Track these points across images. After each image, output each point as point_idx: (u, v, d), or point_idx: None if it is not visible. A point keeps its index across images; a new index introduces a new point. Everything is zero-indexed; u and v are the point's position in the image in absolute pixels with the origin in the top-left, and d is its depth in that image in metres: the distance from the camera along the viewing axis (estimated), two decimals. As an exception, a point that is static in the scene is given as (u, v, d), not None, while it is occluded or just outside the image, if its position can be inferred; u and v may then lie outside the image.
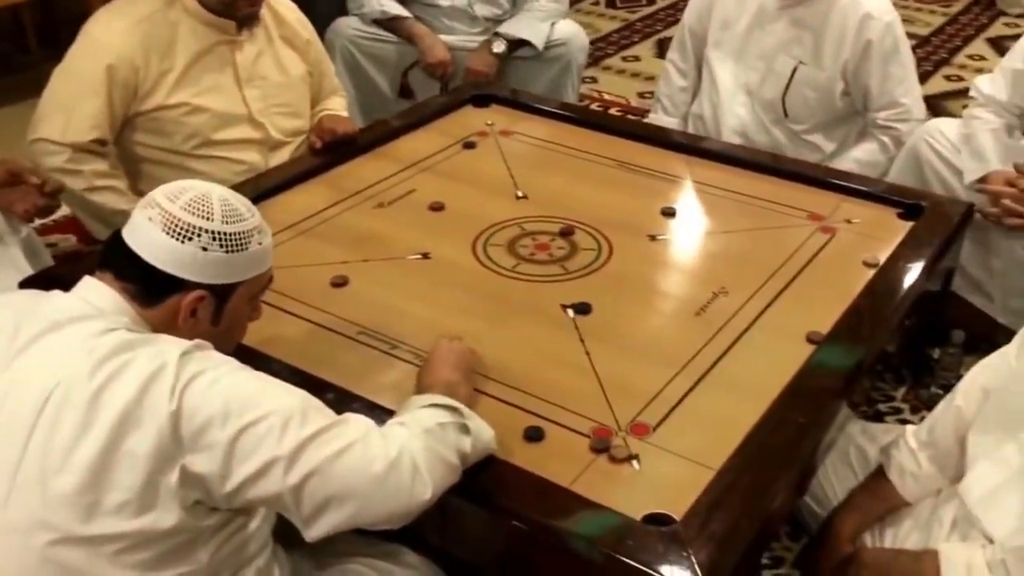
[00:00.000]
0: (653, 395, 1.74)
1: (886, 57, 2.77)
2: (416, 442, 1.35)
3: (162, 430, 1.24)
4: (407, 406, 1.50)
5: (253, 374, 1.34)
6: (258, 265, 1.46)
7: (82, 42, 2.42)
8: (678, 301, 2.06)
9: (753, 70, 2.89)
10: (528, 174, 2.53)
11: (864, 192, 2.45)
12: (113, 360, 1.27)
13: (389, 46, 3.51)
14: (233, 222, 1.40)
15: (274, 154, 2.60)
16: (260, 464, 1.26)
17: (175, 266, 1.38)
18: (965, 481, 1.65)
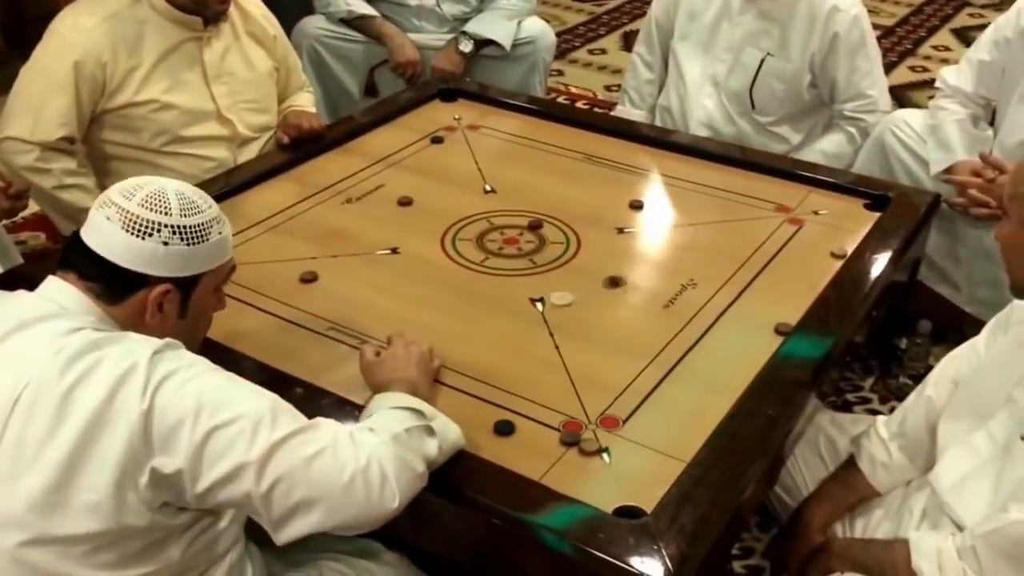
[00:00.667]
0: (622, 388, 1.75)
1: (853, 50, 2.78)
2: (385, 450, 1.34)
3: (133, 430, 1.23)
4: (373, 407, 1.50)
5: (225, 375, 1.33)
6: (220, 255, 1.47)
7: (49, 40, 2.40)
8: (646, 294, 2.07)
9: (720, 62, 2.90)
10: (496, 168, 2.53)
11: (831, 183, 2.47)
12: (82, 360, 1.26)
13: (355, 45, 3.50)
14: (191, 214, 1.40)
15: (242, 150, 2.58)
16: (230, 468, 1.26)
17: (138, 263, 1.38)
18: (935, 470, 1.66)
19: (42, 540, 1.25)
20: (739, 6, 2.85)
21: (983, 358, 1.72)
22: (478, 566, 1.60)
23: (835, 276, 2.08)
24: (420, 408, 1.48)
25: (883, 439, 1.79)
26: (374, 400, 1.54)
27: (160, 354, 1.29)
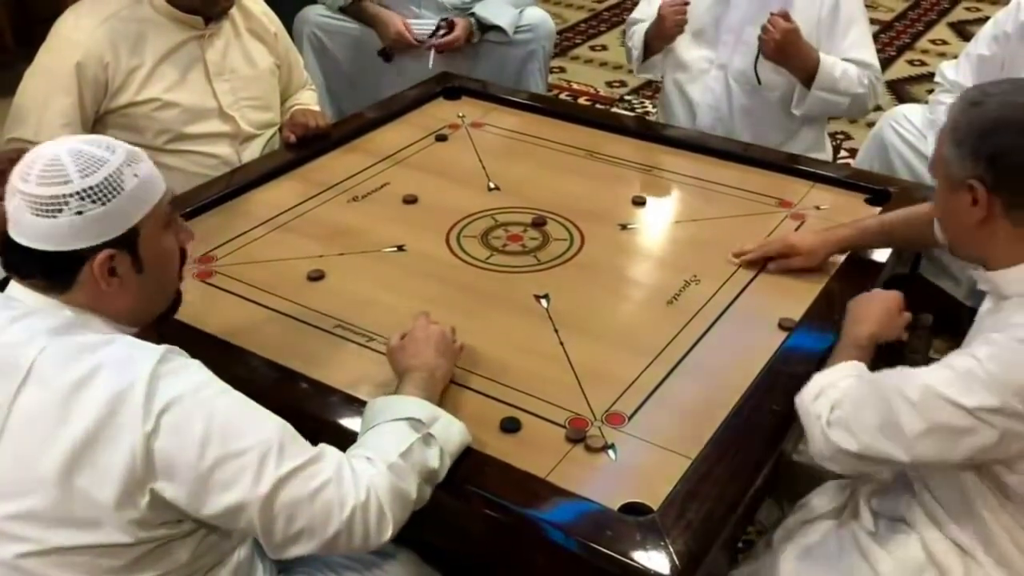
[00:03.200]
0: (627, 384, 1.76)
1: (853, 18, 2.79)
2: (382, 480, 1.36)
3: (135, 451, 1.23)
4: (374, 415, 1.51)
5: (231, 398, 1.32)
6: (147, 197, 1.37)
7: (51, 41, 2.41)
8: (650, 290, 2.09)
9: (722, 44, 2.89)
10: (500, 165, 2.55)
11: (832, 178, 2.48)
12: (76, 366, 1.26)
13: (356, 30, 3.51)
14: (94, 171, 1.31)
15: (245, 147, 2.60)
16: (234, 502, 1.27)
17: (63, 243, 1.31)
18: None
19: (42, 551, 1.26)
20: None
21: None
22: (486, 562, 1.62)
23: (838, 271, 2.09)
24: (419, 416, 1.48)
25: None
26: (375, 406, 1.53)
27: (162, 366, 1.27)
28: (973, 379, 1.40)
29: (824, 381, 1.59)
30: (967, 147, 1.46)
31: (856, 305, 1.79)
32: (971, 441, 1.41)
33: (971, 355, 1.43)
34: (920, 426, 1.42)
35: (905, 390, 1.45)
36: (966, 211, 1.49)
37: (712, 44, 2.90)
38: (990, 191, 1.45)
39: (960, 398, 1.40)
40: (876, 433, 1.46)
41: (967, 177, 1.47)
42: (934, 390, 1.42)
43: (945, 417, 1.41)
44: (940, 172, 1.55)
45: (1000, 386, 1.38)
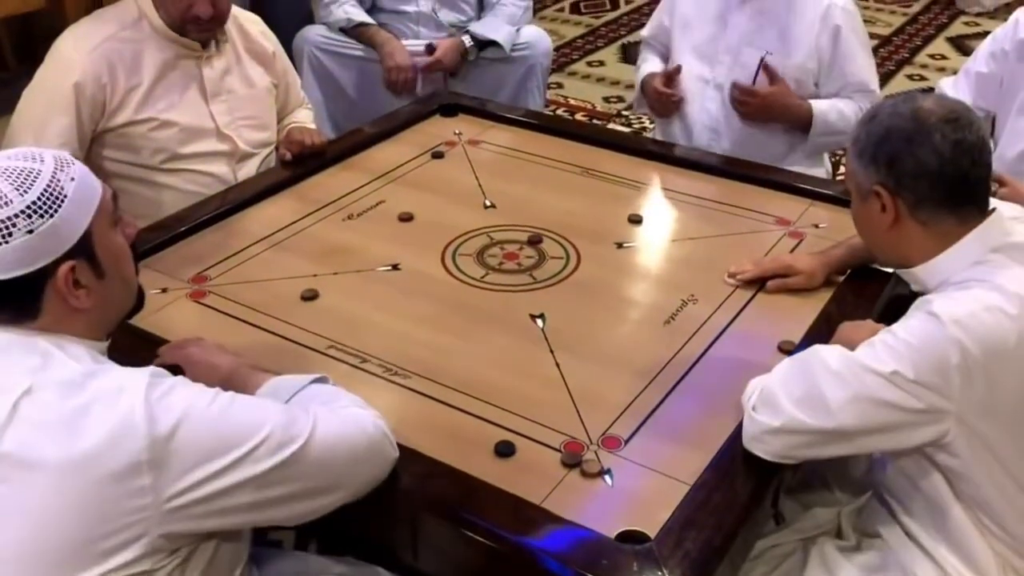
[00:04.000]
0: (624, 407, 1.74)
1: (855, 44, 2.78)
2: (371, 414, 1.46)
3: (141, 504, 1.23)
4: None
5: (225, 399, 1.32)
6: (89, 197, 1.34)
7: (49, 61, 2.40)
8: (647, 309, 2.06)
9: (720, 64, 2.88)
10: (496, 183, 2.53)
11: (830, 196, 2.47)
12: (65, 404, 1.24)
13: (356, 52, 3.50)
14: (30, 185, 1.28)
15: (242, 166, 2.58)
16: (235, 523, 1.32)
17: (18, 266, 1.28)
18: None
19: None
20: (734, 7, 2.84)
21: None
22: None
23: (836, 293, 2.07)
24: (317, 376, 1.55)
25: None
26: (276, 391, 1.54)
27: (153, 390, 1.26)
28: (888, 349, 1.48)
29: (762, 377, 1.64)
30: (867, 157, 1.59)
31: (843, 328, 1.81)
32: (894, 412, 1.47)
33: (889, 329, 1.53)
34: (842, 394, 1.49)
35: (828, 361, 1.52)
36: (877, 217, 1.60)
37: (710, 63, 2.89)
38: (893, 195, 1.56)
39: (877, 365, 1.47)
40: (799, 404, 1.52)
41: (872, 185, 1.58)
42: (856, 360, 1.50)
43: (866, 385, 1.48)
44: (852, 186, 1.67)
45: (915, 355, 1.45)
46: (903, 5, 6.07)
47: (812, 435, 1.52)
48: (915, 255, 1.61)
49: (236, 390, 1.52)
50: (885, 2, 6.12)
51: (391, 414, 1.61)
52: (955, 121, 1.53)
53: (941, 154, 1.52)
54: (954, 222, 1.56)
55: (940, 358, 1.45)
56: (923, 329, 1.48)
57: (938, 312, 1.47)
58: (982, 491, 1.54)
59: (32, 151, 1.34)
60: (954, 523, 1.57)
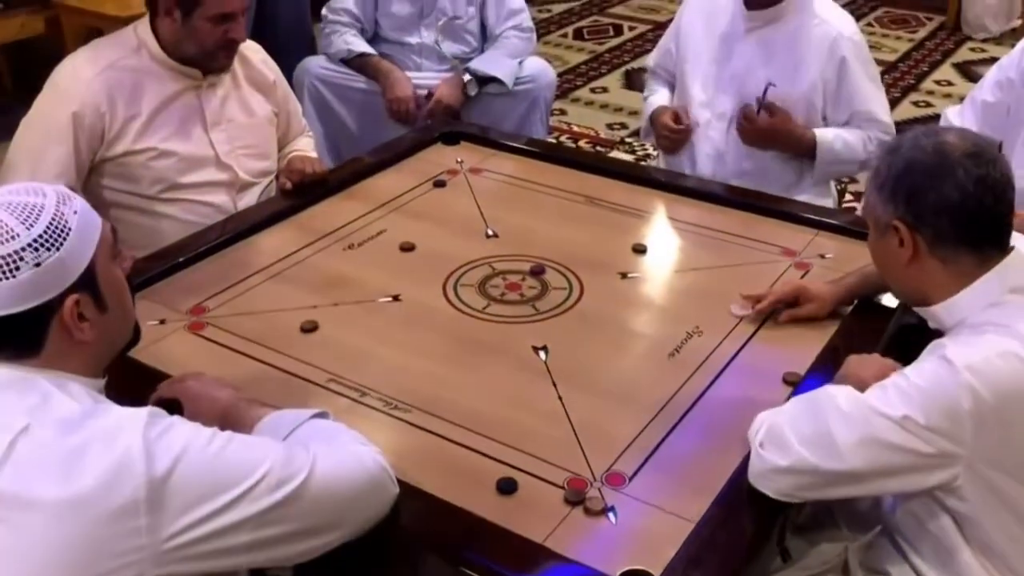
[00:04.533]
0: (628, 442, 1.71)
1: (862, 75, 2.77)
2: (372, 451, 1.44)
3: (139, 547, 1.21)
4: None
5: (223, 440, 1.30)
6: (92, 231, 1.35)
7: (48, 91, 2.39)
8: (651, 342, 2.04)
9: (724, 94, 2.87)
10: (498, 212, 2.51)
11: (836, 226, 2.44)
12: (63, 443, 1.22)
13: (357, 84, 3.50)
14: (36, 219, 1.28)
15: (242, 195, 2.56)
16: (233, 564, 1.29)
17: (24, 300, 1.27)
18: None
19: None
20: (739, 37, 2.83)
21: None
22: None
23: (842, 324, 2.05)
24: (317, 412, 1.52)
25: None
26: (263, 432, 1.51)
27: (151, 429, 1.24)
28: (899, 392, 1.46)
29: (769, 412, 1.61)
30: (887, 190, 1.56)
31: (851, 361, 1.77)
32: (904, 456, 1.44)
33: (901, 372, 1.51)
34: (852, 436, 1.46)
35: (838, 402, 1.50)
36: (896, 253, 1.57)
37: (714, 93, 2.88)
38: (912, 230, 1.53)
39: (888, 409, 1.45)
40: (807, 444, 1.49)
41: (891, 219, 1.55)
42: (866, 403, 1.48)
43: (876, 428, 1.45)
44: (870, 219, 1.63)
45: (927, 400, 1.43)
46: (909, 31, 6.06)
47: (820, 476, 1.49)
48: (933, 292, 1.58)
49: (235, 424, 1.52)
50: (890, 28, 6.12)
51: (391, 449, 1.59)
52: (979, 156, 1.50)
53: (964, 190, 1.48)
54: (973, 260, 1.53)
55: (952, 404, 1.42)
56: (936, 374, 1.45)
57: (951, 357, 1.44)
58: (991, 536, 1.51)
59: (32, 186, 1.34)
60: (963, 566, 1.54)
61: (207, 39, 2.39)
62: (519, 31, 3.53)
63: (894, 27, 6.15)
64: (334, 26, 3.51)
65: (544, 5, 6.41)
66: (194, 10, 2.35)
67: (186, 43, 2.40)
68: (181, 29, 2.38)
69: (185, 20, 2.37)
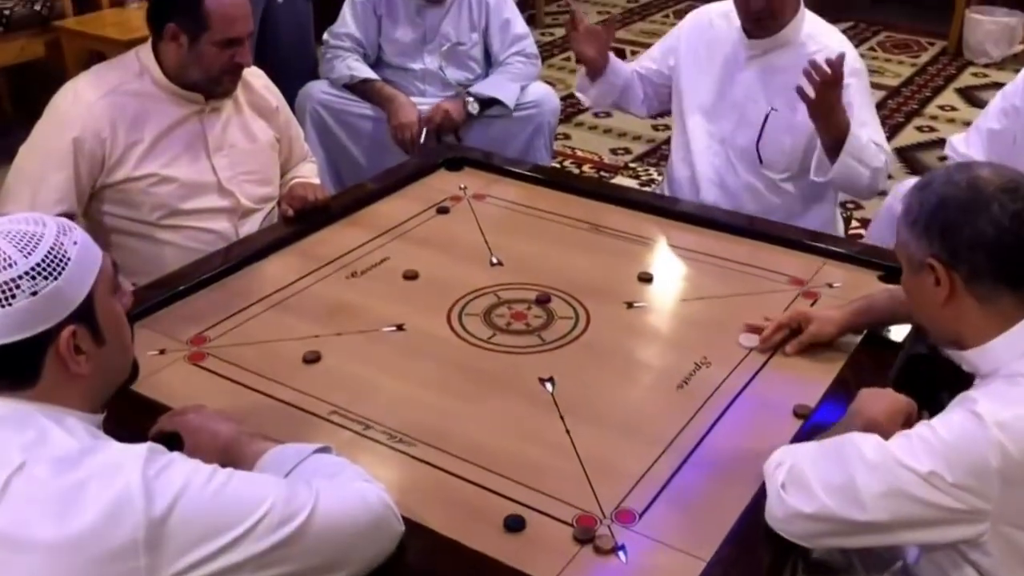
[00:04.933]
0: (637, 478, 1.68)
1: (861, 103, 2.73)
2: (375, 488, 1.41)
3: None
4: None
5: (224, 476, 1.27)
6: (91, 262, 1.33)
7: (48, 115, 2.37)
8: (659, 373, 2.01)
9: (726, 120, 2.85)
10: (503, 239, 2.48)
11: (843, 255, 2.41)
12: (59, 482, 1.19)
13: (359, 109, 3.48)
14: (34, 247, 1.26)
15: (244, 222, 2.54)
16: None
17: (20, 329, 1.25)
18: None
19: None
20: (740, 65, 2.81)
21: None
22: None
23: (852, 355, 2.02)
24: (319, 446, 1.49)
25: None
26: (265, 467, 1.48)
27: (151, 466, 1.22)
28: (926, 446, 1.41)
29: (789, 449, 1.58)
30: (920, 226, 1.51)
31: (864, 396, 1.73)
32: (929, 510, 1.41)
33: (928, 424, 1.45)
34: (877, 488, 1.42)
35: (864, 451, 1.46)
36: (931, 292, 1.52)
37: (716, 120, 2.87)
38: (948, 267, 1.48)
39: (914, 463, 1.41)
40: (831, 492, 1.45)
41: (925, 257, 1.50)
42: (892, 454, 1.44)
43: (902, 481, 1.41)
44: (902, 257, 1.58)
45: (954, 456, 1.39)
46: (911, 55, 6.06)
47: (842, 525, 1.45)
48: (969, 335, 1.53)
49: (236, 459, 1.49)
50: (892, 52, 6.11)
51: (395, 484, 1.57)
52: (1014, 191, 1.46)
53: (999, 224, 1.44)
54: (1012, 301, 1.49)
55: (980, 461, 1.38)
56: (964, 429, 1.41)
57: (981, 412, 1.40)
58: None
59: (33, 216, 1.32)
60: None
61: (213, 64, 2.37)
62: (524, 56, 3.53)
63: (896, 52, 6.14)
64: (336, 51, 3.50)
65: (547, 28, 6.40)
66: (201, 35, 2.34)
67: (191, 68, 2.38)
68: (187, 54, 2.36)
69: (192, 45, 2.35)
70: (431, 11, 3.47)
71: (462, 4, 3.49)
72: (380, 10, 3.49)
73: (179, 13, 2.34)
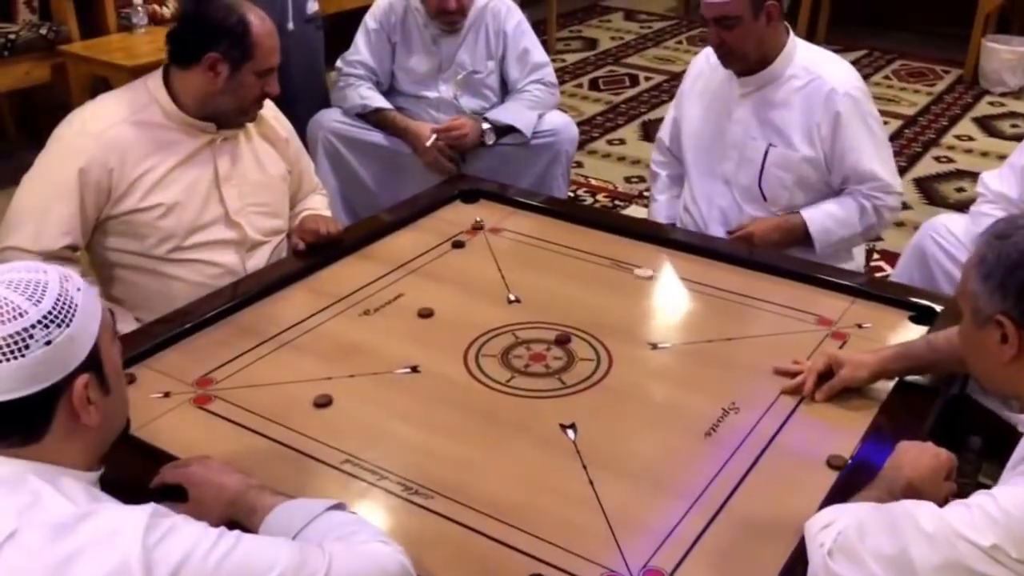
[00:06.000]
0: (666, 533, 1.59)
1: (859, 131, 2.65)
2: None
3: None
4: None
5: (229, 543, 1.20)
6: (95, 308, 1.29)
7: (53, 146, 2.30)
8: (686, 419, 1.91)
9: (728, 160, 2.80)
10: (520, 275, 2.40)
11: (872, 294, 2.33)
12: (53, 552, 1.12)
13: (371, 136, 3.42)
14: (42, 295, 1.21)
15: (252, 254, 2.46)
16: None
17: (34, 382, 1.20)
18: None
19: None
20: (736, 103, 2.76)
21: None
22: None
23: (886, 402, 1.93)
24: (331, 503, 1.43)
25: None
26: (274, 524, 1.41)
27: (151, 534, 1.15)
28: (987, 518, 1.32)
29: (837, 510, 1.48)
30: (995, 281, 1.43)
31: (904, 451, 1.65)
32: None
33: (990, 494, 1.36)
34: (934, 560, 1.33)
35: (920, 521, 1.36)
36: (995, 348, 1.44)
37: (718, 159, 2.82)
38: (1020, 327, 1.41)
39: (976, 536, 1.32)
40: (883, 563, 1.36)
41: (995, 312, 1.42)
42: (950, 525, 1.34)
43: (961, 554, 1.32)
44: (967, 306, 1.49)
45: (1018, 528, 1.30)
46: (927, 84, 5.99)
47: None
48: None
49: (244, 514, 1.42)
50: (908, 81, 6.05)
51: (410, 539, 1.49)
52: None
53: None
54: None
55: None
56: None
57: None
58: None
59: (30, 264, 1.29)
60: None
61: (248, 93, 2.33)
62: (542, 84, 3.46)
63: (912, 80, 6.07)
64: (348, 79, 3.44)
65: (559, 55, 6.35)
66: (243, 65, 2.29)
67: (223, 98, 2.32)
68: (224, 84, 2.30)
69: (232, 74, 2.30)
70: (447, 40, 3.41)
71: (479, 33, 3.43)
72: (395, 38, 3.43)
73: (224, 42, 2.28)
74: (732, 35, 2.61)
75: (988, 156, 4.87)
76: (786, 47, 2.67)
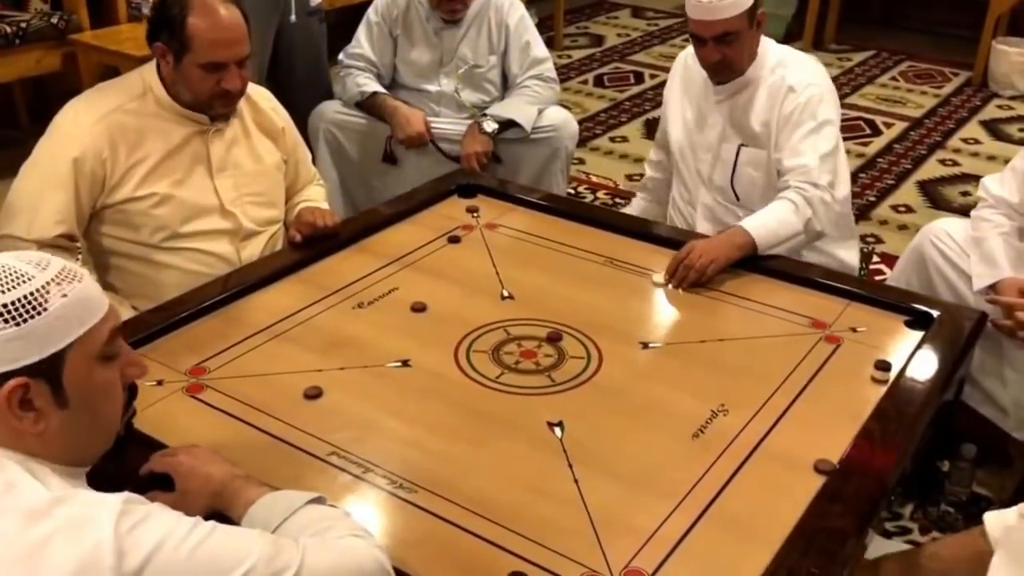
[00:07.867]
0: (649, 534, 1.59)
1: (799, 123, 2.64)
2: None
3: None
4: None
5: (204, 531, 1.20)
6: (75, 320, 1.23)
7: (49, 135, 2.30)
8: (674, 420, 1.91)
9: (704, 162, 2.84)
10: (514, 271, 2.41)
11: (867, 297, 2.33)
12: (25, 536, 1.12)
13: (373, 128, 3.41)
14: (11, 288, 1.19)
15: (245, 244, 2.46)
16: None
17: None
18: None
19: None
20: (711, 108, 2.79)
21: None
22: None
23: (879, 405, 1.93)
24: (313, 496, 1.42)
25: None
26: (256, 517, 1.40)
27: (125, 520, 1.14)
28: None
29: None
30: None
31: None
32: None
33: None
34: None
35: None
36: None
37: (699, 161, 2.85)
38: None
39: None
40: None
41: None
42: None
43: None
44: None
45: None
46: (934, 86, 5.95)
47: None
48: None
49: (228, 504, 1.43)
50: (915, 82, 6.01)
51: (394, 534, 1.50)
52: None
53: None
54: None
55: None
56: None
57: None
58: None
59: (48, 258, 1.25)
60: None
61: (199, 87, 2.30)
62: (542, 80, 3.45)
63: (919, 82, 6.04)
64: (348, 70, 3.44)
65: (565, 51, 6.33)
66: (183, 56, 2.27)
67: (181, 88, 2.32)
68: (174, 74, 2.30)
69: (176, 65, 2.29)
70: (448, 32, 3.40)
71: (481, 26, 3.42)
72: (396, 31, 3.43)
73: (165, 32, 2.27)
74: (732, 49, 2.62)
75: (995, 160, 4.84)
76: (759, 51, 2.70)
